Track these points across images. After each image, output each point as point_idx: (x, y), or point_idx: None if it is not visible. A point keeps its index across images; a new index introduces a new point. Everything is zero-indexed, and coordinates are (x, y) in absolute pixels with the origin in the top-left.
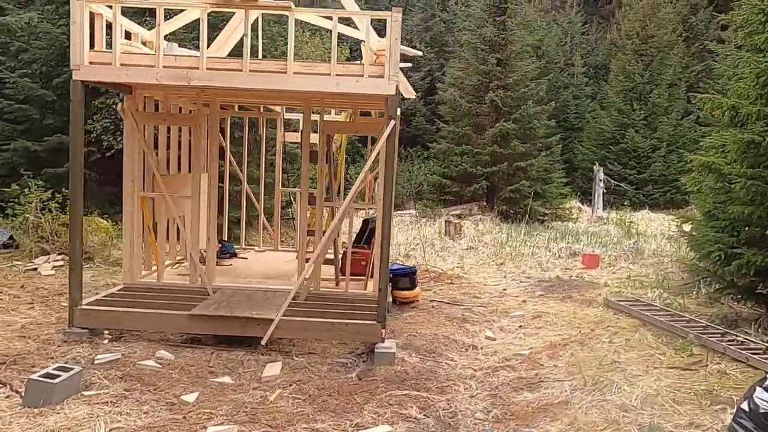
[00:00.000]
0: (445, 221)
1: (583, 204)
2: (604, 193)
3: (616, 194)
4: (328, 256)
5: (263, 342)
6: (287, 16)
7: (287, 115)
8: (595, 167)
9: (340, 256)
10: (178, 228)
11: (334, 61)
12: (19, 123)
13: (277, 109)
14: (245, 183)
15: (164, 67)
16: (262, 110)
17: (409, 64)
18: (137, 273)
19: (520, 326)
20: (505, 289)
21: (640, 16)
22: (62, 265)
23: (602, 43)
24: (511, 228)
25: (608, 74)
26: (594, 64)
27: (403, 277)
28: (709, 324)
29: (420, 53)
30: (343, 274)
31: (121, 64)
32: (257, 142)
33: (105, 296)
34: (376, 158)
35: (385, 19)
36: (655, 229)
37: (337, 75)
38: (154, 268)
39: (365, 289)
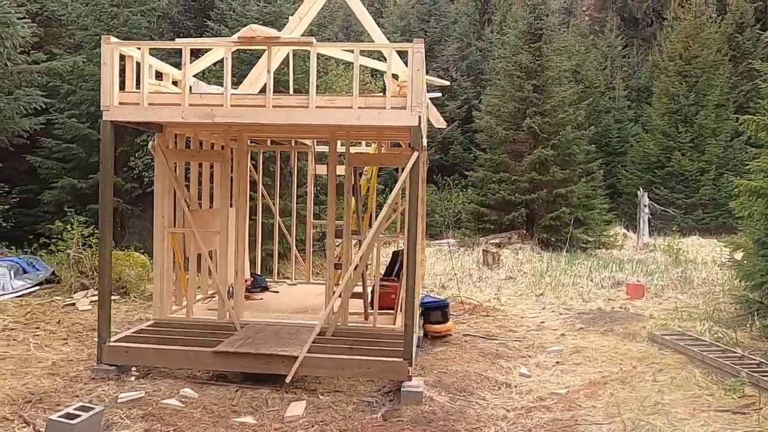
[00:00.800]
0: (483, 250)
1: (628, 230)
2: (649, 219)
3: (663, 219)
4: (357, 289)
5: (287, 380)
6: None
7: (318, 148)
8: (639, 192)
9: (370, 289)
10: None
11: (355, 94)
12: (66, 162)
13: (308, 142)
14: (277, 216)
15: (190, 105)
16: (293, 144)
17: (439, 94)
18: (167, 308)
19: (558, 362)
20: (543, 322)
21: (682, 37)
22: None
23: (644, 65)
24: (552, 257)
25: (651, 97)
26: (636, 86)
27: (435, 311)
28: (763, 361)
29: (447, 83)
30: (373, 308)
31: (149, 104)
32: (291, 174)
33: (134, 332)
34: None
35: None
36: (705, 255)
37: (359, 108)
38: (185, 303)
39: (395, 324)
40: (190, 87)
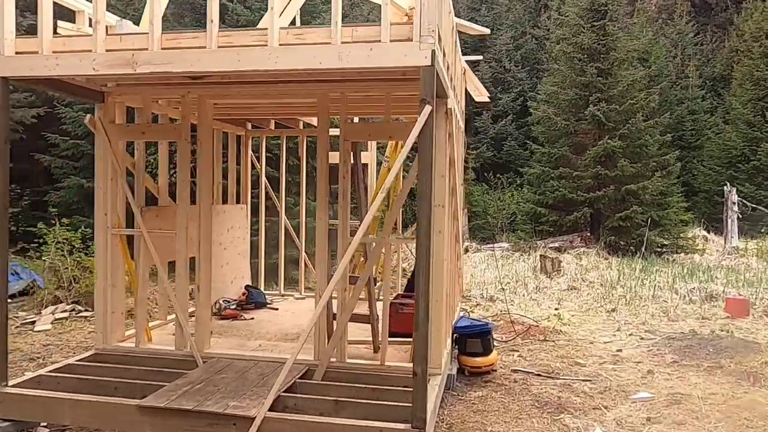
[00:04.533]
0: (541, 256)
1: (708, 232)
2: (738, 219)
3: (749, 220)
4: (363, 311)
5: None
6: None
7: (333, 131)
8: (725, 188)
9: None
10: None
11: (337, 24)
12: (76, 160)
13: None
14: (283, 214)
15: (106, 51)
16: (302, 127)
17: (480, 57)
18: (114, 334)
19: (648, 419)
20: (620, 351)
21: (767, 16)
22: (66, 318)
23: (720, 52)
24: (622, 263)
25: (728, 86)
26: (711, 75)
27: (473, 339)
28: None
29: (487, 31)
30: (391, 335)
31: (53, 52)
32: (298, 164)
33: (52, 370)
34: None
35: None
36: None
37: (342, 43)
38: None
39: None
40: (108, 27)
